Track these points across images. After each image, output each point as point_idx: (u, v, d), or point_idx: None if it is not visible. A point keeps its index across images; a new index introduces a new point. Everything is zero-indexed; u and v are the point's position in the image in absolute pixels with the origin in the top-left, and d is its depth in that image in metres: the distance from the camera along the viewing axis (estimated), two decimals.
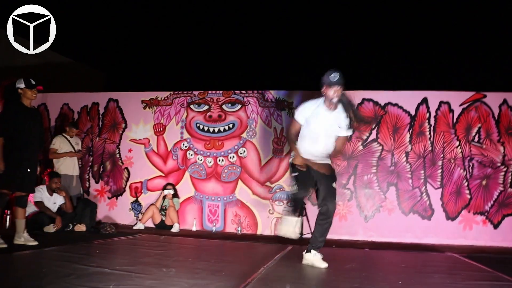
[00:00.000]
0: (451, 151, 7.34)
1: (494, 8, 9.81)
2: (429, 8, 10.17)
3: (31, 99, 5.06)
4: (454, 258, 5.30)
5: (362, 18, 10.63)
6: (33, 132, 5.02)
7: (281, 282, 3.37)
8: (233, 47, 11.51)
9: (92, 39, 11.37)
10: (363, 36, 10.92)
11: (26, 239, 4.91)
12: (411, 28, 10.62)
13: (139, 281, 3.23)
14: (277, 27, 10.67)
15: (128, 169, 8.21)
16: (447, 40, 10.78)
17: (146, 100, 8.31)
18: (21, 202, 5.03)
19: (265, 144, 7.75)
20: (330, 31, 11.01)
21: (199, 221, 7.81)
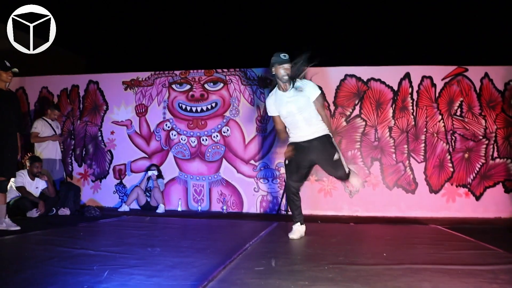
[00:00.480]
0: (434, 125, 7.38)
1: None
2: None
3: (6, 81, 4.95)
4: (437, 230, 5.37)
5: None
6: (10, 115, 4.92)
7: (267, 258, 3.37)
8: (214, 25, 11.37)
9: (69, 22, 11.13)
10: (344, 12, 10.86)
11: (8, 225, 4.85)
12: (392, 3, 10.58)
13: (123, 261, 3.21)
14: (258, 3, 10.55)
15: (111, 152, 8.13)
16: (428, 15, 10.76)
17: (127, 81, 8.20)
18: (1, 187, 4.94)
19: (249, 122, 7.72)
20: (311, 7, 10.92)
21: (184, 201, 7.79)
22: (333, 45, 10.39)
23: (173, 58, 10.60)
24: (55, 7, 5.97)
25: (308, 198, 7.33)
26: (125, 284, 2.64)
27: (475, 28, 10.65)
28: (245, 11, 10.76)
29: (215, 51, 10.76)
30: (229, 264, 3.13)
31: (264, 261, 3.25)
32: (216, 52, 10.63)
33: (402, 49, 10.60)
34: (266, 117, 7.64)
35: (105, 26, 11.77)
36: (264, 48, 9.90)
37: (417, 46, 10.70)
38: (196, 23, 11.26)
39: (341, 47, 10.38)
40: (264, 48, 10.17)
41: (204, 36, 11.36)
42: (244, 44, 10.99)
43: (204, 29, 11.39)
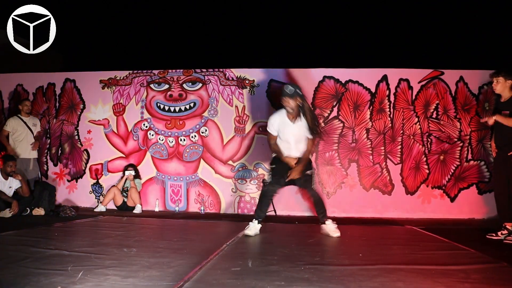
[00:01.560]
0: (411, 127, 7.48)
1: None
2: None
3: None
4: (413, 231, 5.44)
5: None
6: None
7: (243, 258, 3.37)
8: (193, 25, 11.33)
9: None
10: (323, 14, 10.93)
11: None
12: (370, 6, 10.69)
13: (98, 262, 3.17)
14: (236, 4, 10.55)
15: (88, 151, 8.03)
16: (406, 19, 10.91)
17: (104, 80, 8.10)
18: None
19: (227, 123, 7.70)
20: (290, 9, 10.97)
21: (161, 202, 7.73)
22: (312, 47, 10.46)
23: (152, 57, 10.53)
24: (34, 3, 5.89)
25: (286, 200, 7.37)
26: (99, 284, 2.61)
27: (451, 33, 10.83)
28: (225, 12, 10.75)
29: (194, 51, 10.71)
30: (205, 265, 3.12)
31: (241, 262, 3.25)
32: (195, 52, 10.59)
33: (380, 52, 10.72)
34: (244, 118, 7.63)
35: (84, 24, 11.63)
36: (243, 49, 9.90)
37: (394, 49, 10.84)
38: (175, 23, 11.21)
39: (320, 49, 10.45)
40: (243, 49, 10.18)
41: (183, 36, 11.31)
42: (223, 44, 10.99)
43: (184, 29, 11.34)
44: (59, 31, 6.15)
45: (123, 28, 11.77)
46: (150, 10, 11.07)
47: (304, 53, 5.36)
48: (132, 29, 11.77)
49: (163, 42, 11.44)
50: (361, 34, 11.00)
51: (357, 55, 10.22)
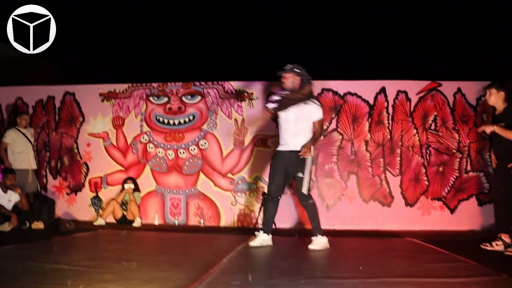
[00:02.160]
0: (409, 139, 7.50)
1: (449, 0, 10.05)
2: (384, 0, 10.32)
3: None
4: (413, 243, 5.43)
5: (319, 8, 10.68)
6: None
7: (243, 272, 3.36)
8: (192, 38, 11.37)
9: None
10: (320, 27, 10.98)
11: None
12: (367, 19, 10.74)
13: (98, 276, 3.16)
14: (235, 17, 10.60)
15: (87, 164, 8.03)
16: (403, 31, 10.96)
17: (104, 93, 8.13)
18: None
19: (226, 136, 7.72)
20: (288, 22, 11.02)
21: (161, 215, 7.72)
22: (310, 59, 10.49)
23: (151, 70, 10.56)
24: None
25: (285, 212, 7.36)
26: None
27: (449, 44, 10.88)
28: (223, 25, 10.81)
29: (193, 64, 10.74)
30: (205, 279, 3.11)
31: (241, 276, 3.24)
32: (194, 65, 10.62)
33: (378, 64, 10.77)
34: (243, 131, 7.65)
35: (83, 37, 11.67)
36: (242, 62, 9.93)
37: (392, 61, 10.88)
38: (174, 36, 11.25)
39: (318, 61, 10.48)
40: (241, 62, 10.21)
41: (182, 49, 11.35)
42: (222, 57, 11.03)
43: (182, 42, 11.38)
44: (58, 44, 6.18)
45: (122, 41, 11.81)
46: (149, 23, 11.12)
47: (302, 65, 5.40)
48: (131, 42, 11.82)
49: (162, 55, 11.48)
50: (358, 46, 11.05)
51: (355, 67, 10.25)
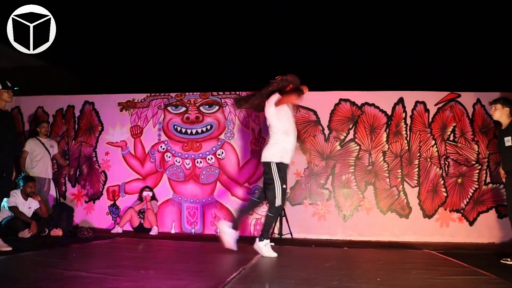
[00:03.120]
0: (427, 150, 7.44)
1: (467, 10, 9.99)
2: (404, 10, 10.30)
3: (7, 101, 4.95)
4: (431, 255, 5.37)
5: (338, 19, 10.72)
6: (7, 135, 4.91)
7: (260, 282, 3.36)
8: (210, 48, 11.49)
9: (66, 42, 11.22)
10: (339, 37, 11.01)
11: (0, 245, 4.80)
12: (386, 29, 10.74)
13: (116, 284, 3.18)
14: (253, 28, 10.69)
15: (105, 172, 8.11)
16: (422, 41, 10.93)
17: (122, 102, 8.23)
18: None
19: (243, 145, 7.75)
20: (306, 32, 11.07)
21: (178, 224, 7.75)
22: (328, 70, 10.52)
23: (169, 80, 10.67)
24: None
25: (302, 222, 7.35)
26: None
27: (468, 55, 10.82)
28: (241, 35, 10.90)
29: (211, 74, 10.84)
30: None
31: (258, 285, 3.23)
32: (212, 75, 10.71)
33: (396, 74, 10.74)
34: (260, 141, 7.67)
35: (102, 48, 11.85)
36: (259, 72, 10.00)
37: (410, 71, 10.84)
38: (192, 46, 11.38)
39: (336, 72, 10.50)
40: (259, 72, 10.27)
41: (200, 59, 11.47)
42: (239, 67, 11.11)
43: (200, 52, 11.51)
44: (77, 55, 6.26)
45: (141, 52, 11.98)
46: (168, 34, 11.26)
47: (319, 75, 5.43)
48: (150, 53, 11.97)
49: (180, 65, 11.61)
50: (377, 56, 11.04)
51: (373, 77, 10.25)
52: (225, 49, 11.34)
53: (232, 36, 11.02)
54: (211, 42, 11.40)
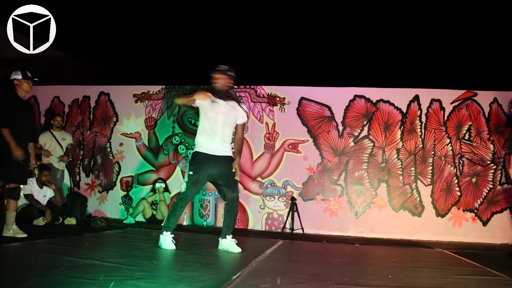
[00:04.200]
0: (442, 149, 7.39)
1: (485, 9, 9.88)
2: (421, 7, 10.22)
3: (27, 91, 5.01)
4: (443, 254, 5.34)
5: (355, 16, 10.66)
6: (25, 124, 4.98)
7: (272, 276, 3.36)
8: (225, 41, 11.49)
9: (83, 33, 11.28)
10: (355, 33, 10.95)
11: (15, 232, 4.88)
12: (403, 26, 10.66)
13: (129, 273, 3.21)
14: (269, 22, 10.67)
15: (119, 163, 8.17)
16: (439, 39, 10.83)
17: (137, 94, 8.28)
18: (13, 194, 4.99)
19: (257, 139, 7.75)
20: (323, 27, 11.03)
21: (190, 216, 7.79)
22: (343, 65, 10.47)
23: (184, 72, 10.71)
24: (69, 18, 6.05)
25: (314, 218, 7.35)
26: None
27: (485, 53, 10.71)
28: (257, 30, 10.88)
29: None
30: (234, 280, 3.12)
31: (270, 279, 3.24)
32: None
33: (412, 72, 10.66)
34: (274, 135, 7.67)
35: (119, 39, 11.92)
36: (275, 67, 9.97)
37: (427, 69, 10.76)
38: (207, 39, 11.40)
39: (351, 68, 10.45)
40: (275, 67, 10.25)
41: (216, 52, 11.48)
42: (254, 61, 11.10)
43: (216, 46, 11.52)
44: (93, 46, 6.29)
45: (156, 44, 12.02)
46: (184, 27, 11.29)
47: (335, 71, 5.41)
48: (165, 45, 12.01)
49: (195, 58, 11.64)
50: (393, 53, 10.97)
51: (388, 74, 10.18)
52: (240, 42, 11.35)
53: (247, 30, 11.02)
54: (226, 35, 11.40)
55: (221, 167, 4.50)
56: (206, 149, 4.48)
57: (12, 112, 4.80)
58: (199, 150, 4.52)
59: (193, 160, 4.51)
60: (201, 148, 4.51)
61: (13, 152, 4.68)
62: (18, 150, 4.69)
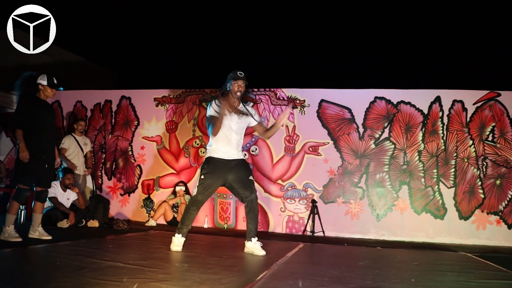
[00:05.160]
0: (465, 150, 7.29)
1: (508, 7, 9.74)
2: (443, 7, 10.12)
3: (49, 97, 5.09)
4: (467, 257, 5.26)
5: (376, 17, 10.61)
6: (49, 125, 5.04)
7: (293, 278, 3.36)
8: (245, 44, 11.53)
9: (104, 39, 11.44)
10: (376, 35, 10.89)
11: (41, 233, 4.97)
12: (424, 27, 10.56)
13: (151, 275, 3.25)
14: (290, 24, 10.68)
15: (141, 166, 8.26)
16: (461, 39, 10.70)
17: (158, 97, 8.35)
18: (41, 197, 5.08)
19: (277, 142, 7.75)
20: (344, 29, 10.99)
21: (210, 219, 7.83)
22: (363, 67, 10.43)
23: (204, 76, 10.77)
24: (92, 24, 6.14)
25: (335, 220, 7.32)
26: None
27: (508, 53, 10.54)
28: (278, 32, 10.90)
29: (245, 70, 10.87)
30: (256, 283, 3.13)
31: (291, 282, 3.24)
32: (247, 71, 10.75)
33: (433, 72, 10.55)
34: (294, 138, 7.67)
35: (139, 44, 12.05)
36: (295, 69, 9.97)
37: (448, 70, 10.64)
38: (227, 42, 11.45)
39: (371, 69, 10.39)
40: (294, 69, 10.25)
41: (235, 55, 11.53)
42: (274, 64, 11.12)
43: (235, 49, 11.56)
44: (113, 51, 6.35)
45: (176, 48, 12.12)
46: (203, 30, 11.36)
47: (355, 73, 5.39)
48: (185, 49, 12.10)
49: (215, 61, 11.70)
50: (413, 55, 10.87)
51: (409, 75, 10.10)
52: (260, 46, 11.38)
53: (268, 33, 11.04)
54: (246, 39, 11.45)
55: (234, 170, 4.53)
56: (220, 155, 4.54)
57: (35, 114, 4.85)
58: (212, 156, 4.57)
59: (206, 165, 4.57)
60: (215, 153, 4.56)
61: (20, 152, 4.72)
62: (24, 152, 4.73)
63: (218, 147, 4.55)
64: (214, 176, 4.50)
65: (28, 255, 4.12)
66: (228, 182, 4.58)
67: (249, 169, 4.69)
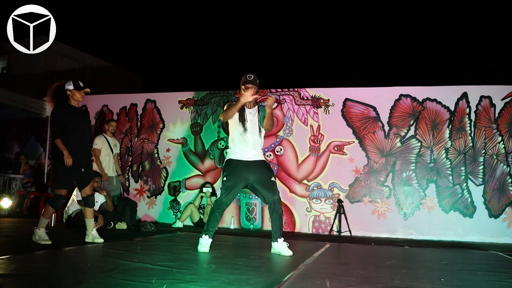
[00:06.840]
0: (493, 147, 7.15)
1: None
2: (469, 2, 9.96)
3: (79, 101, 5.16)
4: (498, 256, 5.16)
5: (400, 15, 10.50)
6: (84, 131, 5.14)
7: (321, 278, 3.35)
8: (269, 45, 11.55)
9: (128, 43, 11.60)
10: (400, 32, 10.78)
11: (94, 237, 5.07)
12: (450, 23, 10.41)
13: (180, 276, 3.28)
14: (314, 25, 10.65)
15: (167, 168, 8.34)
16: (487, 34, 10.51)
17: (183, 100, 8.43)
18: (87, 202, 5.17)
19: (302, 142, 7.74)
20: (367, 29, 10.90)
21: (237, 219, 7.86)
22: (388, 65, 10.34)
23: (228, 77, 10.83)
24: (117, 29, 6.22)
25: (361, 220, 7.27)
26: None
27: None
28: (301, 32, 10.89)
29: (269, 71, 10.91)
30: (284, 283, 3.14)
31: (319, 282, 3.23)
32: (271, 72, 10.78)
33: (459, 68, 10.39)
34: (319, 137, 7.64)
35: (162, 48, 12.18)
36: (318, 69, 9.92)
37: (474, 65, 10.46)
38: (251, 44, 11.49)
39: (396, 67, 10.29)
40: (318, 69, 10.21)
41: (258, 56, 11.56)
42: (298, 64, 11.11)
43: (259, 50, 11.59)
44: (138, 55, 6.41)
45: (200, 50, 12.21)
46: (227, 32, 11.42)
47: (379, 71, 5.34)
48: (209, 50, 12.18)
49: (239, 62, 11.75)
50: (439, 51, 10.72)
51: (434, 72, 9.96)
52: (283, 46, 11.38)
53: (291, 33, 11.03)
54: (270, 40, 11.46)
55: (255, 171, 4.53)
56: (239, 156, 4.55)
57: (68, 121, 4.94)
58: (232, 158, 4.59)
59: (227, 167, 4.58)
60: (234, 155, 4.58)
61: (65, 159, 4.83)
62: (69, 158, 4.84)
63: (235, 149, 4.58)
64: (235, 177, 4.52)
65: (60, 257, 4.20)
66: (250, 183, 4.59)
67: (270, 170, 4.69)
